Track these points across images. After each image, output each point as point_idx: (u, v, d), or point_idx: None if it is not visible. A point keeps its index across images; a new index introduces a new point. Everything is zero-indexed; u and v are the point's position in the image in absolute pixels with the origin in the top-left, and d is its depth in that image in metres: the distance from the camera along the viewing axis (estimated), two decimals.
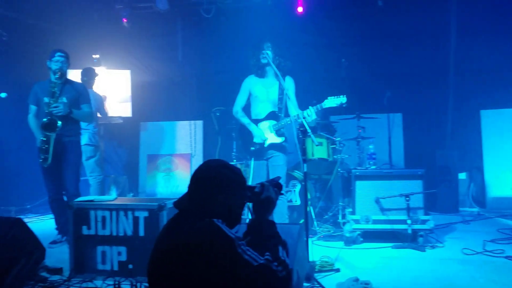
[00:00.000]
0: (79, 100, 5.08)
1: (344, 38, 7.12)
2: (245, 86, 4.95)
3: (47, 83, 5.00)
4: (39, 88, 5.02)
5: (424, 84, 7.00)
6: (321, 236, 5.23)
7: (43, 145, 4.81)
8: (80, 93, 5.11)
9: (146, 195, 7.58)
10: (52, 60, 4.91)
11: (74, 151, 5.10)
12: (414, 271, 3.95)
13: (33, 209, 7.51)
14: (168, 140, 7.83)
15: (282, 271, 1.98)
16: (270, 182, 2.28)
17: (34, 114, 5.03)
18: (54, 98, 4.81)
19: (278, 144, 4.79)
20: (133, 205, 3.80)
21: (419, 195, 4.86)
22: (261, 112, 4.87)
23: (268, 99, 4.86)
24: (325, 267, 3.96)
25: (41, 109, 4.96)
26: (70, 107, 4.89)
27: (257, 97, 4.88)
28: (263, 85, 4.87)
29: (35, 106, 5.03)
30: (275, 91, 4.86)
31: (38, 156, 4.93)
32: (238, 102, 4.96)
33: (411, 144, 7.14)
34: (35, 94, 5.01)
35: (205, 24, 7.56)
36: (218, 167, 2.09)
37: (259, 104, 4.88)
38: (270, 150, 4.80)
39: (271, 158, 4.81)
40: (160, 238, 2.09)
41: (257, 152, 4.84)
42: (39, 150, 4.88)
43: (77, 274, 3.82)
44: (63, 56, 4.95)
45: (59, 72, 4.87)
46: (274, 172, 4.75)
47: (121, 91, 7.55)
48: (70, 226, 3.91)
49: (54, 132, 4.78)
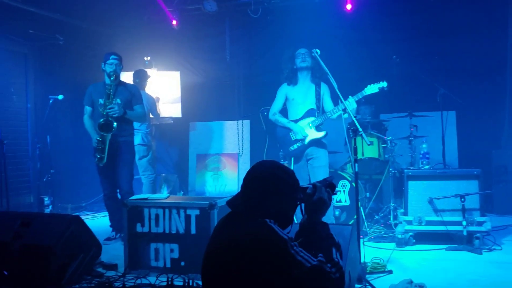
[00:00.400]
0: (132, 101, 5.21)
1: (395, 34, 6.95)
2: (281, 92, 5.00)
3: (101, 85, 5.17)
4: (94, 90, 5.19)
5: (479, 80, 6.72)
6: (372, 237, 5.14)
7: (99, 145, 4.97)
8: (133, 94, 5.25)
9: (195, 193, 7.70)
10: (106, 63, 5.07)
11: (128, 151, 5.25)
12: (470, 275, 3.81)
13: (88, 206, 7.81)
14: (216, 139, 7.92)
15: (335, 273, 1.95)
16: (323, 182, 2.25)
17: (89, 115, 5.20)
18: (109, 100, 4.97)
19: (319, 141, 4.75)
20: (185, 204, 3.87)
21: (475, 195, 4.70)
22: (299, 113, 4.88)
23: (306, 101, 4.87)
24: (377, 268, 3.89)
25: (96, 110, 5.12)
26: (124, 108, 5.03)
27: (294, 99, 4.90)
28: (300, 89, 4.91)
29: (90, 107, 5.20)
30: (312, 94, 4.87)
31: (93, 155, 5.10)
32: (275, 107, 5.01)
33: (466, 143, 6.88)
34: (90, 96, 5.19)
35: (252, 24, 7.59)
36: (272, 168, 2.08)
37: (297, 106, 4.90)
38: (310, 149, 4.76)
39: (312, 160, 4.78)
40: (214, 237, 2.11)
41: (297, 152, 4.82)
42: (95, 149, 5.04)
43: (131, 270, 3.93)
44: (117, 58, 5.10)
45: (113, 74, 5.02)
46: (316, 174, 4.71)
47: (171, 92, 7.71)
48: (124, 224, 4.02)
49: (110, 132, 4.92)
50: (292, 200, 2.12)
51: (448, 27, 6.78)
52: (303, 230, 2.16)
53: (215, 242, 2.07)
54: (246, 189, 2.09)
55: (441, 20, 6.81)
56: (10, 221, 3.83)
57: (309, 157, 4.79)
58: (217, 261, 2.00)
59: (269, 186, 2.04)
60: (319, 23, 6.79)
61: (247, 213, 2.03)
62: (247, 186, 2.09)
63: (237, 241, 1.94)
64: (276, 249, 1.87)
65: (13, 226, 3.77)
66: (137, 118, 5.36)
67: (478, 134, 6.85)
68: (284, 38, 6.96)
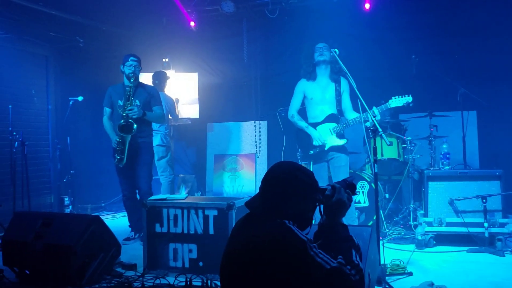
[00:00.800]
0: (151, 102, 5.25)
1: (414, 33, 6.86)
2: (298, 89, 4.90)
3: (120, 86, 5.22)
4: (113, 91, 5.24)
5: (501, 80, 6.60)
6: (391, 239, 5.09)
7: (119, 146, 5.02)
8: (152, 95, 5.28)
9: (213, 194, 7.72)
10: (125, 65, 5.11)
11: (148, 152, 5.29)
12: (493, 277, 3.75)
13: (107, 207, 7.89)
14: (234, 140, 7.93)
15: (355, 275, 1.93)
16: (342, 183, 2.23)
17: (108, 116, 5.26)
18: (128, 102, 5.01)
19: (339, 145, 4.71)
20: (203, 204, 3.88)
21: (497, 196, 4.63)
22: (318, 115, 4.80)
23: (325, 100, 4.78)
24: (396, 270, 3.85)
25: (115, 111, 5.18)
26: (143, 109, 5.06)
27: (312, 99, 4.80)
28: (318, 87, 4.80)
29: (110, 108, 5.26)
30: (332, 92, 4.77)
31: (113, 156, 5.15)
32: (293, 106, 4.90)
33: (487, 143, 6.77)
34: (110, 97, 5.24)
35: (270, 24, 7.58)
36: (291, 169, 2.06)
37: (315, 106, 4.81)
38: (331, 152, 4.73)
39: (332, 160, 4.74)
40: (232, 238, 2.11)
41: (316, 155, 4.78)
42: (115, 150, 5.09)
43: (150, 270, 3.96)
44: (136, 60, 5.14)
45: (133, 76, 5.06)
46: (338, 173, 4.67)
47: (189, 93, 7.74)
48: (144, 224, 4.05)
49: (130, 134, 4.97)
50: (311, 201, 2.10)
51: (467, 26, 6.66)
52: (322, 231, 2.14)
53: (234, 243, 2.07)
54: (265, 190, 2.08)
55: (461, 18, 6.70)
56: (32, 221, 3.89)
57: (330, 158, 4.75)
58: (235, 262, 2.00)
59: (288, 187, 2.02)
60: (337, 23, 6.74)
61: (265, 215, 2.02)
62: (266, 187, 2.08)
63: (256, 242, 1.93)
64: (295, 250, 1.86)
65: (34, 226, 3.83)
66: (156, 119, 5.39)
67: (500, 134, 6.73)
68: (301, 38, 6.92)
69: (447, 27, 6.80)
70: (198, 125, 7.96)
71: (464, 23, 6.68)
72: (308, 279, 1.87)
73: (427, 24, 6.85)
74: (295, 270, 1.85)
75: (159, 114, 5.33)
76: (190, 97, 7.75)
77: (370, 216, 5.39)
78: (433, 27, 6.84)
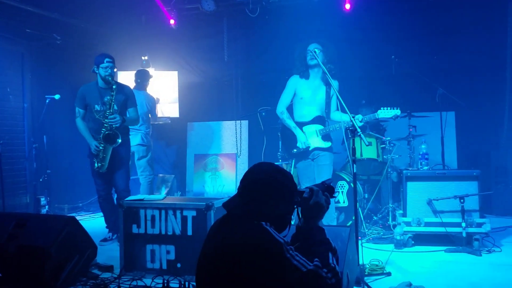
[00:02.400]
0: (127, 103, 5.12)
1: (394, 34, 6.91)
2: (290, 85, 4.84)
3: (94, 87, 5.03)
4: (87, 93, 5.03)
5: (479, 81, 6.70)
6: (370, 239, 5.11)
7: (101, 154, 4.91)
8: (128, 96, 5.14)
9: (193, 194, 7.66)
10: (100, 66, 4.90)
11: (124, 149, 5.17)
12: (471, 277, 3.78)
13: (85, 207, 7.77)
14: (214, 140, 7.88)
15: (331, 278, 1.92)
16: (321, 186, 2.21)
17: (82, 117, 5.07)
18: (110, 110, 4.86)
19: (323, 147, 4.71)
20: (182, 205, 3.83)
21: (474, 197, 4.67)
22: (306, 115, 4.77)
23: (315, 102, 4.76)
24: (375, 270, 3.86)
25: (90, 114, 5.01)
26: (120, 113, 4.96)
27: (302, 99, 4.77)
28: (310, 88, 4.77)
29: (83, 110, 5.06)
30: (322, 95, 4.76)
31: (88, 156, 5.03)
32: (283, 102, 4.85)
33: (465, 143, 6.85)
34: (83, 99, 5.03)
35: (250, 24, 7.55)
36: (272, 171, 2.05)
37: (304, 106, 4.78)
38: (315, 151, 4.72)
39: (317, 158, 4.72)
40: (209, 239, 2.08)
41: (300, 154, 4.76)
42: (95, 156, 4.95)
43: (127, 272, 3.90)
44: (111, 61, 4.95)
45: (111, 80, 4.90)
46: (321, 172, 4.66)
47: (169, 92, 7.67)
48: (120, 225, 3.99)
49: (113, 145, 4.88)
50: (290, 204, 2.09)
51: (447, 27, 6.75)
52: (300, 234, 2.12)
53: (210, 244, 2.04)
54: (244, 191, 2.05)
55: (440, 19, 6.78)
56: (5, 222, 3.81)
57: (315, 156, 4.72)
58: (211, 264, 1.97)
59: (268, 189, 2.01)
60: (318, 23, 6.76)
61: (243, 216, 1.99)
62: (246, 189, 2.05)
63: (232, 244, 1.91)
64: (271, 253, 1.84)
65: (7, 227, 3.74)
66: (132, 123, 5.28)
67: (478, 135, 6.83)
68: (282, 37, 6.93)
69: (426, 28, 6.87)
70: (178, 124, 7.89)
71: (443, 24, 6.76)
72: (284, 281, 1.85)
73: (406, 25, 6.91)
74: (271, 272, 1.84)
75: (135, 117, 5.20)
76: (170, 96, 7.67)
77: (349, 216, 5.40)
78: (411, 28, 6.89)
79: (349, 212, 5.40)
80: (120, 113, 4.98)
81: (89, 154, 5.05)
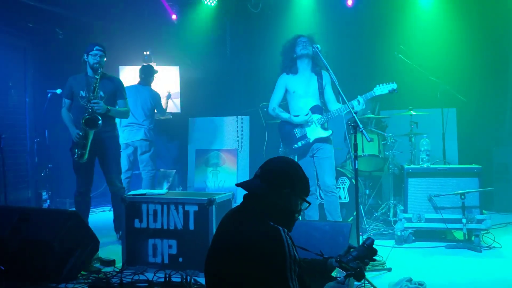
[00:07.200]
0: (116, 94, 5.02)
1: (396, 30, 6.91)
2: (280, 84, 4.79)
3: (83, 76, 4.93)
4: (74, 81, 4.93)
5: (481, 77, 6.69)
6: (371, 234, 5.12)
7: (82, 140, 4.72)
8: (118, 88, 5.04)
9: (194, 189, 7.67)
10: (90, 54, 4.82)
11: (115, 146, 5.06)
12: (471, 273, 3.80)
13: None
14: (216, 135, 7.88)
15: None
16: (361, 249, 2.38)
17: (67, 107, 4.96)
18: (94, 94, 4.72)
19: (324, 137, 4.68)
20: (184, 200, 3.85)
21: (475, 193, 4.68)
22: (303, 107, 4.69)
23: (308, 93, 4.69)
24: (376, 266, 3.87)
25: (76, 102, 4.89)
26: (107, 102, 4.83)
27: (295, 92, 4.71)
28: (301, 80, 4.72)
29: (69, 100, 4.95)
30: (315, 85, 4.70)
31: (71, 150, 4.88)
32: (274, 100, 4.81)
33: (466, 140, 6.86)
34: (70, 88, 4.92)
35: (252, 19, 7.55)
36: (291, 162, 2.19)
37: (299, 99, 4.71)
38: (316, 144, 4.67)
39: (317, 152, 4.67)
40: (222, 231, 2.12)
41: (302, 149, 4.73)
42: (75, 144, 4.78)
43: (129, 266, 3.92)
44: (101, 50, 4.84)
45: (99, 67, 4.79)
46: (322, 165, 4.64)
47: (171, 87, 7.66)
48: (122, 219, 4.00)
49: (94, 129, 4.67)
50: (301, 197, 2.16)
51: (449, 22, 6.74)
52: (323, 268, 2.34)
53: (223, 236, 2.09)
54: (265, 175, 2.12)
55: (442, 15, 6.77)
56: (8, 216, 3.82)
57: (315, 151, 4.67)
58: (221, 258, 2.02)
59: (287, 180, 2.10)
60: (320, 18, 6.76)
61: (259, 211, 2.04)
62: (267, 173, 2.12)
63: (243, 240, 1.96)
64: (276, 261, 1.90)
65: (11, 221, 3.76)
66: (119, 115, 5.16)
67: (479, 131, 6.84)
68: (284, 33, 6.91)
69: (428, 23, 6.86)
70: (179, 119, 7.88)
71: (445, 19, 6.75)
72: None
73: (408, 21, 6.90)
74: (269, 279, 1.90)
75: (123, 110, 5.07)
76: (172, 91, 7.67)
77: (350, 212, 5.42)
78: (414, 23, 6.88)
79: (350, 208, 5.42)
80: (107, 102, 4.83)
81: (71, 147, 4.88)
